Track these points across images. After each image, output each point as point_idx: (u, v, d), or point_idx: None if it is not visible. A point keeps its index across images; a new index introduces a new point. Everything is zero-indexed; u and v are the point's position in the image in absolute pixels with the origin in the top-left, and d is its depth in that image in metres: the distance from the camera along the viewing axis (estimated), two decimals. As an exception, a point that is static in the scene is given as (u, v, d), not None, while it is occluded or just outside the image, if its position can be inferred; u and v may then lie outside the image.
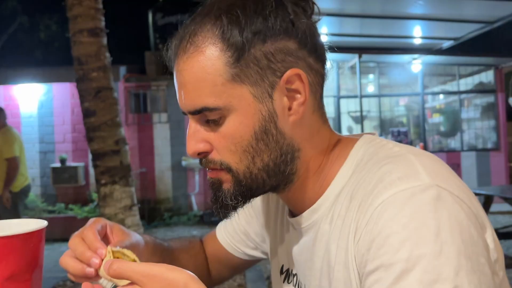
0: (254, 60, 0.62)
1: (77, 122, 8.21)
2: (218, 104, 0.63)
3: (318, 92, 0.68)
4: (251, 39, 0.62)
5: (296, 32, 0.64)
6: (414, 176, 0.57)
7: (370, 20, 7.06)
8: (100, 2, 4.30)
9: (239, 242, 0.94)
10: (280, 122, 0.65)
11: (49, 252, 6.59)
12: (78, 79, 4.23)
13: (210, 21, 0.63)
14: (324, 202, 0.68)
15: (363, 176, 0.63)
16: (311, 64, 0.66)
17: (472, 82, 9.45)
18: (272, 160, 0.66)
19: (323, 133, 0.70)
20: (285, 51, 0.63)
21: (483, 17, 6.75)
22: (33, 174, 8.52)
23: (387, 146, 0.66)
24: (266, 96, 0.64)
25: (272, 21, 0.62)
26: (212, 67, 0.62)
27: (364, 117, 8.94)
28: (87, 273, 0.68)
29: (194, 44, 0.63)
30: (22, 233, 0.63)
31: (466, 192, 0.59)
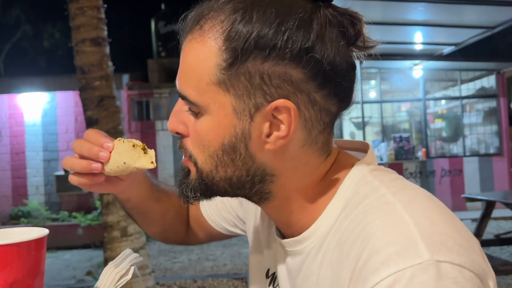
0: (247, 74, 0.57)
1: (81, 130, 8.26)
2: (197, 100, 0.60)
3: (316, 129, 0.61)
4: (252, 52, 0.56)
5: (308, 62, 0.56)
6: (413, 250, 0.51)
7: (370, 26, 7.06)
8: (102, 12, 4.34)
9: (221, 219, 0.94)
10: (252, 146, 0.60)
11: (52, 260, 6.59)
12: (81, 88, 4.26)
13: (225, 12, 0.58)
14: (310, 236, 0.64)
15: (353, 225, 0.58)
16: (315, 100, 0.59)
17: (473, 87, 9.46)
18: (236, 176, 0.63)
19: (312, 165, 0.64)
20: (284, 78, 0.57)
21: (483, 23, 6.76)
22: (37, 182, 8.56)
23: (379, 191, 0.60)
24: (246, 115, 0.59)
25: (283, 41, 0.56)
26: (204, 62, 0.59)
27: (366, 123, 8.96)
28: (92, 168, 0.68)
29: (201, 29, 0.59)
30: (24, 241, 0.65)
31: (465, 246, 0.53)
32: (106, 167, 0.70)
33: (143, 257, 3.46)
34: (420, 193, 0.60)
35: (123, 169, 0.70)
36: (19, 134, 8.57)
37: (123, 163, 0.69)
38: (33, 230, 0.69)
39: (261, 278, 0.80)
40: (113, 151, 0.69)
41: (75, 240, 7.31)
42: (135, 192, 0.84)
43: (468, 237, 0.55)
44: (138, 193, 0.85)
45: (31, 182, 8.61)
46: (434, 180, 8.80)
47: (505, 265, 3.50)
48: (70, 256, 6.77)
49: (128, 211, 0.90)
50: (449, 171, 8.88)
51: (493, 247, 5.53)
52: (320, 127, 0.61)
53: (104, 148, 0.68)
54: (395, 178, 0.64)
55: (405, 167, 8.74)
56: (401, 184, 0.62)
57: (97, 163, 0.69)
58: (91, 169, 0.69)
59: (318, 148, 0.63)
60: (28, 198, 8.51)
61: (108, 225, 4.15)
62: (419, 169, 8.78)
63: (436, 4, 5.99)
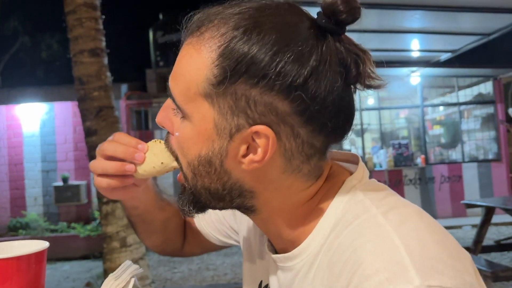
0: (233, 95, 0.56)
1: (79, 141, 8.25)
2: (182, 106, 0.60)
3: (297, 159, 0.60)
4: (241, 75, 0.55)
5: (296, 98, 0.55)
6: (404, 276, 0.50)
7: (368, 34, 7.12)
8: (100, 23, 4.35)
9: (214, 230, 0.94)
10: (227, 163, 0.60)
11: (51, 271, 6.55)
12: (79, 98, 4.27)
13: (228, 25, 0.57)
14: (301, 254, 0.64)
15: (344, 246, 0.57)
16: (298, 134, 0.58)
17: (471, 93, 9.49)
18: (212, 188, 0.63)
19: (297, 188, 0.63)
20: (270, 107, 0.56)
21: (479, 29, 6.80)
22: (36, 193, 8.54)
23: (370, 210, 0.59)
24: (227, 133, 0.58)
25: (275, 72, 0.54)
26: (195, 72, 0.58)
27: (364, 130, 8.98)
28: (127, 169, 0.69)
29: (201, 36, 0.59)
30: (24, 254, 0.65)
31: (457, 267, 0.52)
32: (140, 168, 0.70)
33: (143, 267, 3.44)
34: (411, 211, 0.59)
35: (160, 169, 0.70)
36: (17, 145, 8.56)
37: (160, 163, 0.69)
38: (33, 243, 0.69)
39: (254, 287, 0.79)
40: (147, 152, 0.70)
41: (74, 251, 7.28)
42: (143, 200, 0.85)
43: (460, 257, 0.55)
44: (146, 200, 0.85)
45: (29, 193, 8.59)
46: (434, 187, 8.80)
47: (505, 271, 3.49)
48: (69, 267, 6.74)
49: (133, 219, 0.90)
50: (449, 177, 8.88)
51: (494, 253, 5.51)
52: (302, 158, 0.60)
53: (139, 149, 0.69)
54: (385, 195, 0.63)
55: (405, 173, 8.74)
56: (391, 203, 0.61)
57: (130, 164, 0.69)
58: (125, 171, 0.70)
59: (304, 175, 0.62)
60: (27, 209, 8.48)
61: (108, 235, 4.14)
62: (419, 175, 8.78)
63: (433, 12, 6.04)
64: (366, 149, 9.05)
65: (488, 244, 5.29)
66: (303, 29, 0.57)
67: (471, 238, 5.88)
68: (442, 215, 8.63)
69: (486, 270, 3.48)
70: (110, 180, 0.71)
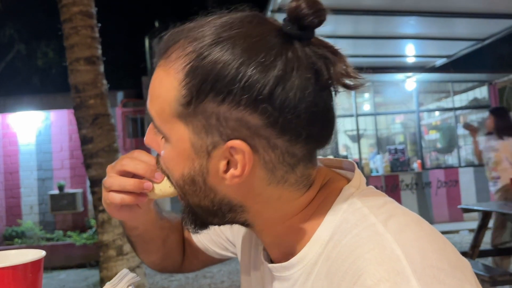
0: (204, 113, 0.56)
1: (75, 149, 8.23)
2: (160, 127, 0.61)
3: (280, 170, 0.59)
4: (208, 93, 0.55)
5: (264, 111, 0.54)
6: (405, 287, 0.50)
7: (363, 40, 7.16)
8: (96, 31, 4.36)
9: (211, 243, 0.93)
10: (211, 181, 0.60)
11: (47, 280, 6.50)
12: (75, 106, 4.27)
13: (192, 43, 0.57)
14: (298, 263, 0.63)
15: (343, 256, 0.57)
16: (275, 145, 0.57)
17: (466, 98, 9.55)
18: (202, 205, 0.63)
19: (287, 198, 0.62)
20: (241, 122, 0.56)
21: (474, 35, 6.85)
22: (31, 201, 8.50)
23: (368, 219, 0.58)
24: (204, 151, 0.58)
25: (239, 88, 0.54)
26: (166, 93, 0.59)
27: (360, 135, 9.00)
28: (145, 187, 0.69)
29: (168, 58, 0.59)
30: (21, 263, 0.64)
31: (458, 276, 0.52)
32: (156, 188, 0.70)
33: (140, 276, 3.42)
34: (410, 219, 0.59)
35: (175, 190, 0.69)
36: (13, 154, 8.52)
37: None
38: (29, 252, 0.69)
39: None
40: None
41: (70, 259, 7.23)
42: (144, 220, 0.84)
43: (460, 266, 0.54)
44: (146, 221, 0.85)
45: (25, 201, 8.54)
46: (431, 192, 8.82)
47: (503, 275, 3.49)
48: (65, 276, 6.69)
49: (133, 239, 0.90)
50: (445, 182, 8.90)
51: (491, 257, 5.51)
52: (285, 168, 0.59)
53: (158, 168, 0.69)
54: (384, 203, 0.62)
55: (401, 178, 8.75)
56: (390, 210, 0.60)
57: (149, 182, 0.69)
58: (144, 188, 0.70)
59: (291, 185, 0.61)
60: (22, 218, 8.43)
61: (104, 244, 4.12)
62: (415, 180, 8.80)
63: (427, 18, 6.08)
64: (362, 154, 9.07)
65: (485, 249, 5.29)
66: (268, 39, 0.56)
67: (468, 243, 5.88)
68: (439, 220, 8.64)
69: (484, 274, 3.47)
70: (125, 196, 0.71)
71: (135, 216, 0.80)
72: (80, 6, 4.25)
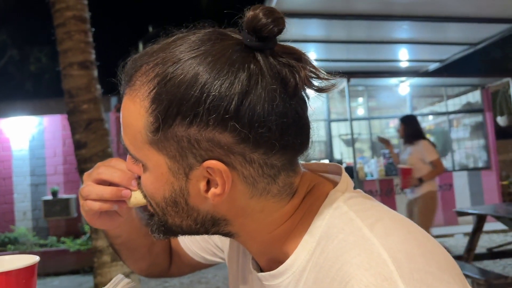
0: (175, 137, 0.56)
1: (69, 154, 8.18)
2: (136, 155, 0.61)
3: (261, 182, 0.58)
4: (175, 117, 0.54)
5: (234, 128, 0.54)
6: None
7: (356, 45, 7.20)
8: (90, 36, 4.35)
9: (199, 248, 0.92)
10: (192, 201, 0.59)
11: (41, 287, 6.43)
12: (69, 111, 4.25)
13: (154, 68, 0.57)
14: (287, 271, 0.62)
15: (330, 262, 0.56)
16: (252, 159, 0.56)
17: (460, 103, 9.60)
18: (185, 225, 0.63)
19: (270, 210, 0.61)
20: (213, 142, 0.55)
21: (467, 39, 6.91)
22: (25, 207, 8.43)
23: (355, 223, 0.57)
24: (182, 173, 0.58)
25: (204, 109, 0.53)
26: (135, 122, 0.58)
27: (355, 139, 9.01)
28: (123, 194, 0.69)
29: (132, 86, 0.58)
30: (14, 269, 0.63)
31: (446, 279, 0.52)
32: (133, 196, 0.70)
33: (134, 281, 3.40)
34: (397, 223, 0.58)
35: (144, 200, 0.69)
36: (6, 159, 8.46)
37: None
38: (23, 257, 0.68)
39: None
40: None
41: (64, 265, 7.17)
42: (127, 228, 0.84)
43: (448, 268, 0.54)
44: (129, 229, 0.84)
45: (18, 207, 8.48)
46: (425, 196, 8.83)
47: (498, 278, 3.50)
48: (59, 283, 6.63)
49: (116, 247, 0.89)
50: (439, 186, 8.92)
51: (486, 260, 5.53)
52: (267, 180, 0.58)
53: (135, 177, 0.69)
54: (370, 206, 0.61)
55: (396, 182, 8.76)
56: (377, 214, 0.59)
57: (127, 190, 0.70)
58: (122, 196, 0.70)
59: (274, 195, 0.60)
60: (16, 223, 8.36)
61: (98, 250, 4.09)
62: (409, 184, 8.82)
63: (420, 22, 6.12)
64: (357, 158, 9.09)
65: (480, 252, 5.31)
66: (229, 56, 0.55)
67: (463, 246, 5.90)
68: (433, 224, 8.66)
69: (479, 278, 3.48)
70: (102, 204, 0.71)
71: (116, 225, 0.80)
72: (73, 11, 4.24)
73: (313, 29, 6.47)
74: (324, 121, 9.02)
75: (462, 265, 3.92)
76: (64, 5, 4.24)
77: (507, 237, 7.35)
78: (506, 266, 5.53)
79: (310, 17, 5.78)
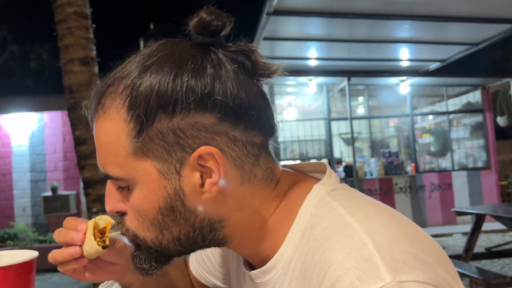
0: (159, 135, 0.57)
1: (69, 150, 8.19)
2: (120, 175, 0.60)
3: (247, 163, 0.61)
4: (156, 112, 0.57)
5: (213, 106, 0.57)
6: (374, 274, 0.50)
7: (357, 44, 7.18)
8: (91, 32, 4.35)
9: (209, 273, 0.89)
10: (189, 201, 0.60)
11: (40, 283, 6.45)
12: (69, 107, 4.25)
13: (121, 82, 0.59)
14: (276, 265, 0.63)
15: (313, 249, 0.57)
16: (235, 137, 0.59)
17: (460, 102, 9.60)
18: (183, 235, 0.62)
19: (260, 197, 0.63)
20: (197, 127, 0.57)
21: (468, 39, 6.90)
22: (24, 203, 8.44)
23: (337, 211, 0.58)
24: (173, 172, 0.58)
25: (183, 94, 0.56)
26: (115, 137, 0.59)
27: (355, 138, 9.01)
28: (72, 253, 0.68)
29: (103, 108, 0.60)
30: (13, 264, 0.64)
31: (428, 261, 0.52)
32: (84, 249, 0.69)
33: None
34: (380, 210, 0.59)
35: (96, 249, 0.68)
36: (6, 155, 8.47)
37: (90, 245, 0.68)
38: (22, 253, 0.68)
39: None
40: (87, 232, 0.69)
41: (63, 262, 7.17)
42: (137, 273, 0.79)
43: (433, 252, 0.54)
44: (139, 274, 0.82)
45: (18, 203, 8.48)
46: (424, 195, 8.85)
47: (496, 278, 3.50)
48: (58, 279, 6.64)
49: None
50: (439, 186, 8.94)
51: (484, 260, 5.54)
52: (251, 160, 0.61)
53: (78, 230, 0.69)
54: (354, 196, 0.62)
55: (395, 182, 8.78)
56: (360, 202, 0.60)
57: (75, 247, 0.69)
58: (71, 255, 0.69)
59: (260, 181, 0.63)
60: (15, 219, 8.37)
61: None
62: (409, 183, 8.83)
63: (421, 22, 6.11)
64: (357, 157, 9.09)
65: (478, 252, 5.31)
66: (188, 52, 0.60)
67: (461, 246, 5.90)
68: (432, 223, 8.67)
69: (477, 277, 3.48)
70: (65, 267, 0.71)
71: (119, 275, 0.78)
72: (75, 6, 4.24)
73: (314, 28, 6.46)
74: (324, 120, 9.02)
75: (460, 264, 3.92)
76: (65, 1, 4.23)
77: (505, 237, 7.36)
78: (504, 265, 5.53)
79: (311, 16, 5.77)
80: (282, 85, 8.98)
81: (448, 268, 0.54)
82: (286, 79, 8.47)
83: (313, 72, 8.51)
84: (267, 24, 5.74)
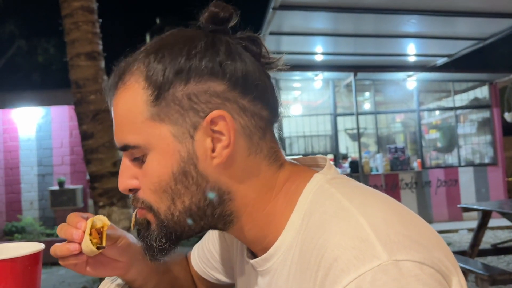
0: (175, 100, 0.61)
1: (75, 145, 8.23)
2: (137, 142, 0.63)
3: (255, 134, 0.64)
4: (172, 79, 0.61)
5: (223, 74, 0.62)
6: (370, 253, 0.51)
7: (364, 39, 7.15)
8: (97, 26, 4.35)
9: (211, 268, 0.90)
10: (201, 165, 0.62)
11: (47, 276, 6.52)
12: (76, 102, 4.26)
13: (139, 59, 0.64)
14: (276, 252, 0.64)
15: (312, 234, 0.58)
16: (244, 106, 0.63)
17: (467, 98, 9.53)
18: (194, 204, 0.63)
19: (265, 175, 0.66)
20: (210, 92, 0.61)
21: (475, 34, 6.84)
22: (31, 197, 8.50)
23: (335, 197, 0.60)
24: (187, 136, 0.61)
25: (197, 61, 0.61)
26: (133, 104, 0.63)
27: (361, 134, 8.99)
28: (71, 249, 0.70)
29: (122, 81, 0.64)
30: (20, 256, 0.64)
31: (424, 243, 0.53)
32: (82, 247, 0.70)
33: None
34: (377, 196, 0.61)
35: (91, 249, 0.69)
36: (13, 149, 8.53)
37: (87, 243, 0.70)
38: (29, 245, 0.69)
39: None
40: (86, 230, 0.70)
41: (70, 255, 7.23)
42: (139, 270, 0.82)
43: (429, 236, 0.56)
44: (142, 270, 0.82)
45: (25, 197, 8.55)
46: (430, 191, 8.82)
47: (502, 274, 3.49)
48: (65, 272, 6.70)
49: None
50: (445, 181, 8.90)
51: (490, 256, 5.52)
52: (259, 133, 0.65)
53: (77, 227, 0.70)
54: (352, 184, 0.64)
55: (401, 177, 8.75)
56: (357, 190, 0.63)
57: (74, 244, 0.70)
58: (71, 251, 0.70)
59: (265, 156, 0.66)
60: (23, 213, 8.44)
61: (104, 239, 4.11)
62: (415, 179, 8.80)
63: (429, 17, 6.06)
64: (363, 153, 9.07)
65: (484, 248, 5.29)
66: (200, 35, 0.65)
67: (467, 242, 5.89)
68: (438, 219, 8.65)
69: (483, 273, 3.48)
70: (65, 261, 0.72)
71: (119, 271, 0.79)
72: (81, 1, 4.24)
73: (320, 22, 6.43)
74: (330, 115, 9.00)
75: (466, 260, 3.91)
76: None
77: (511, 234, 7.33)
78: (511, 262, 5.51)
79: (318, 10, 5.74)
80: (288, 80, 8.96)
81: (446, 253, 0.55)
82: (292, 74, 8.45)
83: (319, 67, 8.48)
84: (273, 19, 5.72)
